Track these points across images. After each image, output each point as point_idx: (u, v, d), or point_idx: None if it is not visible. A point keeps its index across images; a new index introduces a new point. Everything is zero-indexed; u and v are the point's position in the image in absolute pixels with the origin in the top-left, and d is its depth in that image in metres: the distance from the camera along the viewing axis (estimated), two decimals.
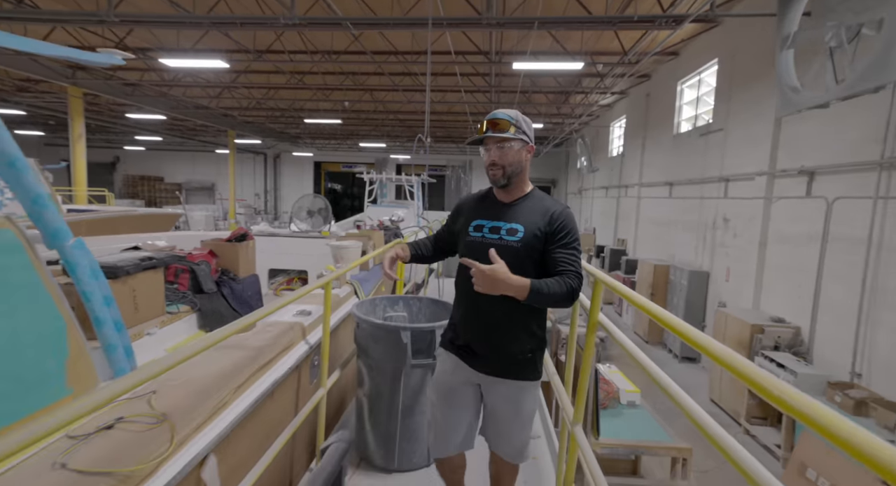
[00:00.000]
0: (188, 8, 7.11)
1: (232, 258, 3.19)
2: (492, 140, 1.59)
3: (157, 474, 1.05)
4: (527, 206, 1.64)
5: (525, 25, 6.40)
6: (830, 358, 5.19)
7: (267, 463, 1.43)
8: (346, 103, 13.32)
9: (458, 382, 1.68)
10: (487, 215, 1.66)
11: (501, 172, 1.60)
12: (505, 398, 1.64)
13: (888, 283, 4.52)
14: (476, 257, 1.55)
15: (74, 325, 1.80)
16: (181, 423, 1.17)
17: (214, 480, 1.21)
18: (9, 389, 1.57)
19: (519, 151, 1.61)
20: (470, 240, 1.65)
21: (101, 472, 0.93)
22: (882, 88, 3.45)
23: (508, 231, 1.60)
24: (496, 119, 1.59)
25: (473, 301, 1.61)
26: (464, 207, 1.77)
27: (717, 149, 7.93)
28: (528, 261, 1.58)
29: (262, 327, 1.91)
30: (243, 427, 1.43)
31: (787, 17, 4.26)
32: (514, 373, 1.61)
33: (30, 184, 1.57)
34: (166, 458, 1.07)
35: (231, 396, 1.42)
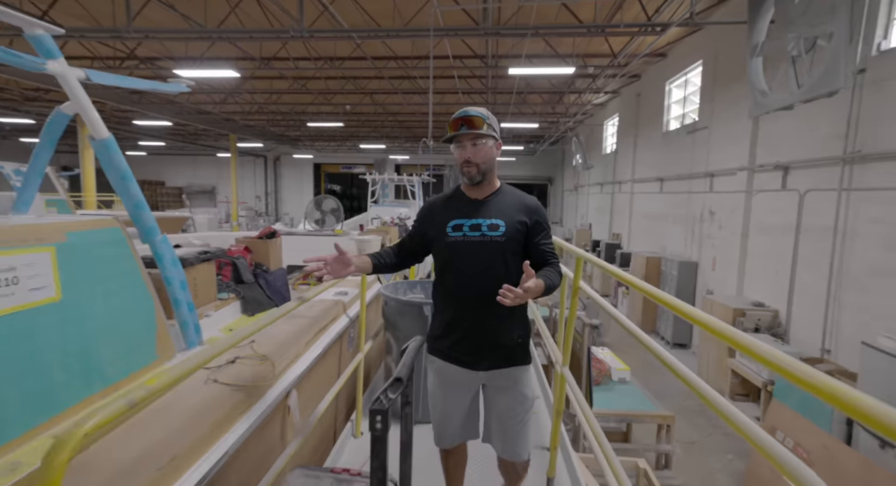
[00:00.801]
0: (199, 20, 7.51)
1: (263, 253, 3.62)
2: (466, 137, 1.60)
3: (269, 391, 1.49)
4: (501, 201, 1.68)
5: (519, 34, 6.82)
6: (804, 337, 5.65)
7: (325, 406, 1.86)
8: (347, 107, 13.71)
9: (457, 385, 1.70)
10: (463, 214, 1.66)
11: (476, 170, 1.61)
12: (505, 387, 1.67)
13: (851, 267, 4.97)
14: (460, 256, 1.62)
15: (159, 305, 2.23)
16: (277, 361, 1.61)
17: (295, 407, 1.64)
18: (118, 352, 2.00)
19: (491, 148, 1.64)
20: (451, 241, 1.64)
21: (238, 385, 1.36)
22: (835, 93, 3.89)
23: (490, 227, 1.62)
24: (469, 117, 1.59)
25: (461, 304, 1.63)
26: (434, 210, 1.74)
27: (702, 146, 8.38)
28: (510, 253, 1.62)
29: (312, 304, 2.34)
30: (309, 375, 1.87)
31: (756, 27, 4.70)
32: (511, 360, 1.66)
33: (134, 192, 2.00)
34: (273, 381, 1.50)
35: (303, 349, 1.85)
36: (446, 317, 1.68)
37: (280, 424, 1.71)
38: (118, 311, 1.98)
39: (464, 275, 1.63)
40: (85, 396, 1.77)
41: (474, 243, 1.61)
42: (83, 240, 1.80)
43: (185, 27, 7.19)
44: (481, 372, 1.65)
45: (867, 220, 4.81)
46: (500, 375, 1.66)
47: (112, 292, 1.96)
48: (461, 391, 1.69)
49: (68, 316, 1.71)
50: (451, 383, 1.68)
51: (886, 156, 4.54)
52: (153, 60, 9.94)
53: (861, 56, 4.76)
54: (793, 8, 4.18)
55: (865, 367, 4.25)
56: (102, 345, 1.88)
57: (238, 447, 1.39)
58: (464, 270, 1.63)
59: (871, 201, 4.77)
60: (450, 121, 1.64)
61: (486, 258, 1.60)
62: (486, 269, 1.60)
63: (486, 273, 1.60)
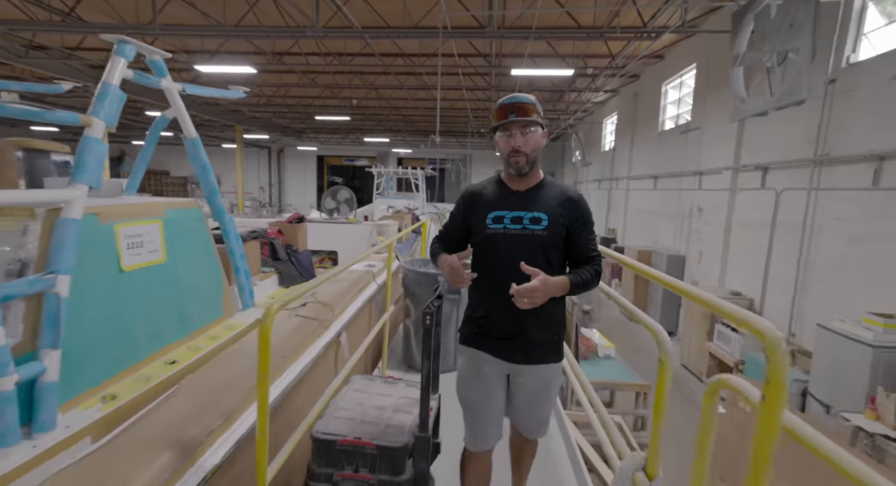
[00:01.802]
0: (218, 18, 7.94)
1: (293, 236, 4.12)
2: (516, 125, 1.52)
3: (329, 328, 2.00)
4: (544, 193, 1.61)
5: (522, 37, 7.27)
6: (775, 322, 6.09)
7: (363, 350, 2.38)
8: (353, 101, 14.13)
9: (487, 375, 1.66)
10: (505, 205, 1.60)
11: (525, 159, 1.55)
12: (536, 382, 1.65)
13: (817, 259, 5.50)
14: (499, 249, 1.58)
15: (223, 271, 2.74)
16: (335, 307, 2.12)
17: (345, 344, 2.15)
18: (198, 307, 2.50)
19: (540, 137, 1.57)
20: (491, 233, 1.59)
21: (311, 318, 1.86)
22: (802, 102, 4.39)
23: (532, 220, 1.56)
24: (520, 103, 1.52)
25: (502, 295, 1.54)
26: (475, 199, 1.68)
27: (694, 145, 8.87)
28: (552, 248, 1.57)
29: (350, 271, 2.85)
30: (351, 324, 2.38)
31: (738, 39, 5.17)
32: (544, 357, 1.63)
33: (211, 180, 2.50)
34: (332, 321, 2.01)
35: (349, 301, 2.36)
36: (482, 309, 1.64)
37: (334, 355, 2.24)
38: (198, 274, 2.48)
39: (503, 269, 1.55)
40: (179, 337, 2.28)
41: (515, 236, 1.56)
42: (176, 216, 2.30)
43: (205, 24, 7.61)
44: (513, 364, 1.63)
45: (832, 217, 5.33)
46: (532, 370, 1.63)
47: (194, 259, 2.46)
48: (492, 380, 1.66)
49: (169, 275, 2.22)
50: (483, 372, 1.66)
51: (850, 159, 5.05)
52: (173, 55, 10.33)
53: (833, 68, 5.26)
54: (769, 24, 4.65)
55: (819, 346, 4.79)
56: (190, 300, 2.38)
57: (312, 364, 1.92)
58: (503, 263, 1.56)
59: (836, 200, 5.29)
60: (496, 108, 1.58)
61: (527, 252, 1.54)
62: (528, 263, 1.51)
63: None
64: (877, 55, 4.80)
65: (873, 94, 4.79)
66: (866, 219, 4.85)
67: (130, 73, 1.90)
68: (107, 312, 1.83)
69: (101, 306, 1.80)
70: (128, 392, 1.84)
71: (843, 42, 5.18)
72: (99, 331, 1.78)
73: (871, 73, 4.83)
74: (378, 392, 1.82)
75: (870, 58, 4.90)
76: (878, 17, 5.00)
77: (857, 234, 4.97)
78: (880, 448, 3.57)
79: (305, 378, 1.89)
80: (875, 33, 4.99)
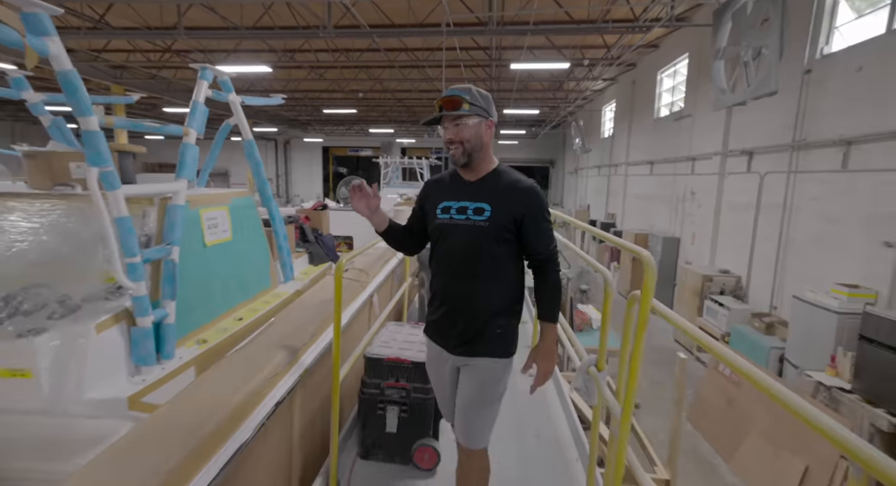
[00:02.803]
0: (235, 20, 8.40)
1: (317, 221, 4.68)
2: (447, 118, 1.54)
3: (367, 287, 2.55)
4: (493, 183, 1.59)
5: (521, 32, 7.69)
6: (759, 298, 6.70)
7: (388, 311, 2.92)
8: (360, 94, 14.55)
9: (441, 363, 1.69)
10: (453, 196, 1.60)
11: (461, 150, 1.55)
12: (470, 378, 1.61)
13: (795, 237, 5.98)
14: (445, 239, 1.58)
15: (269, 249, 3.29)
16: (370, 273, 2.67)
17: (377, 305, 2.68)
18: (253, 278, 3.06)
19: (477, 126, 1.55)
20: (439, 223, 1.60)
21: (353, 279, 2.40)
22: (774, 93, 4.83)
23: (475, 210, 1.55)
24: (449, 97, 1.54)
25: (443, 286, 1.62)
26: (431, 189, 1.70)
27: (686, 132, 9.28)
28: (495, 241, 1.54)
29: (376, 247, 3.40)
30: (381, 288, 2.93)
31: (719, 34, 5.59)
32: (484, 350, 1.58)
33: (263, 173, 3.04)
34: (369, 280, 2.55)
35: (378, 270, 2.90)
36: (433, 297, 1.68)
37: (368, 310, 2.79)
38: (253, 251, 3.03)
39: (447, 258, 1.60)
40: (240, 301, 2.84)
41: (458, 227, 1.56)
42: (238, 203, 2.84)
43: (223, 26, 8.08)
44: (455, 356, 1.62)
45: (807, 197, 5.79)
46: (472, 362, 1.60)
47: (250, 238, 3.01)
48: (440, 369, 1.69)
49: (234, 251, 2.77)
50: (432, 358, 1.72)
51: (824, 143, 5.49)
52: (186, 53, 10.82)
53: (808, 59, 5.67)
54: (745, 21, 5.07)
55: (794, 315, 5.30)
56: (247, 272, 2.94)
57: (356, 312, 2.48)
58: (447, 253, 1.59)
59: (811, 182, 5.74)
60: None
61: (469, 244, 1.54)
62: (469, 255, 1.55)
63: (468, 259, 1.56)
64: (846, 47, 5.22)
65: (842, 83, 5.21)
66: (836, 198, 5.31)
67: (210, 93, 2.42)
68: (197, 277, 2.39)
69: (194, 272, 2.35)
70: (214, 338, 2.40)
71: (818, 35, 5.58)
72: (193, 291, 2.34)
73: (841, 63, 5.25)
74: (408, 332, 2.37)
75: (840, 50, 5.32)
76: (848, 12, 5.40)
77: (828, 213, 5.43)
78: (836, 399, 4.10)
79: (352, 321, 2.45)
80: (846, 27, 5.39)
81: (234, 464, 1.36)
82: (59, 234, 1.91)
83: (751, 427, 4.53)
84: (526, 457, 2.32)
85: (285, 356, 1.85)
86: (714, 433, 4.94)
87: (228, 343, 2.40)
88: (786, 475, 3.77)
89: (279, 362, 1.81)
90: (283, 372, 1.80)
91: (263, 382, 1.66)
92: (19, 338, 1.67)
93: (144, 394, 1.88)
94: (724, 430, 4.77)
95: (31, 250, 1.86)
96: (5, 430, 1.59)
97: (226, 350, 2.33)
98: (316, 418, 2.19)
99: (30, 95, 2.54)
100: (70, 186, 2.24)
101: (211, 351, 2.30)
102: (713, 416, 5.10)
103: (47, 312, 1.74)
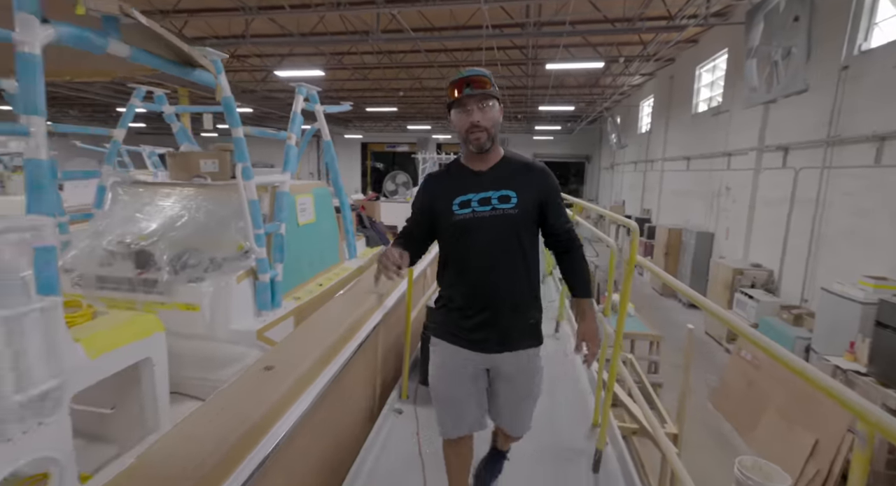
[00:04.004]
0: (292, 28, 9.20)
1: (371, 210, 5.34)
2: (472, 99, 1.42)
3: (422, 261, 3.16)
4: (508, 169, 1.52)
5: (556, 33, 8.05)
6: (791, 291, 6.83)
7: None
8: (400, 93, 15.23)
9: (462, 368, 1.59)
10: (469, 188, 1.50)
11: (486, 135, 1.46)
12: (515, 369, 1.58)
13: (826, 231, 6.10)
14: (470, 235, 1.48)
15: (338, 231, 3.93)
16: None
17: (429, 275, 3.26)
18: (328, 254, 3.70)
19: (498, 111, 1.48)
20: (459, 219, 1.49)
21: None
22: (803, 91, 5.03)
23: (500, 199, 1.47)
24: (474, 76, 1.43)
25: (473, 286, 1.52)
26: (434, 188, 1.58)
27: (724, 127, 9.34)
28: (523, 228, 1.49)
29: None
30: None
31: (752, 34, 5.79)
32: (521, 343, 1.57)
33: (336, 168, 3.68)
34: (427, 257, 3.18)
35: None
36: (456, 300, 1.55)
37: (423, 279, 3.40)
38: (328, 232, 3.67)
39: (475, 255, 1.49)
40: (318, 271, 3.48)
41: (484, 219, 1.47)
42: (319, 192, 3.48)
43: (282, 33, 8.89)
44: (493, 355, 1.55)
45: (840, 193, 5.91)
46: (512, 357, 1.56)
47: (326, 222, 3.65)
48: (468, 375, 1.59)
49: (316, 230, 3.40)
50: (459, 366, 1.58)
51: (858, 139, 5.60)
52: (245, 58, 11.81)
53: (846, 55, 5.78)
54: (776, 21, 5.27)
55: (822, 307, 5.49)
56: (324, 248, 3.58)
57: (417, 278, 3.07)
58: (475, 249, 1.49)
59: (844, 177, 5.86)
60: (448, 84, 1.48)
61: (500, 235, 1.48)
62: (500, 246, 1.48)
63: (499, 251, 1.49)
64: (883, 44, 5.31)
65: (878, 79, 5.32)
66: (869, 193, 5.44)
67: (303, 104, 3.05)
68: (293, 249, 3.04)
69: (291, 245, 3.00)
70: (304, 297, 3.05)
71: (857, 31, 5.68)
72: (291, 260, 2.98)
73: (878, 60, 5.35)
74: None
75: (878, 46, 5.41)
76: (889, 8, 5.47)
77: (860, 207, 5.56)
78: (852, 382, 4.34)
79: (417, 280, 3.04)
80: (885, 23, 5.47)
81: (342, 372, 1.96)
82: (205, 213, 2.59)
83: (768, 406, 4.82)
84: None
85: (374, 300, 2.46)
86: (734, 413, 5.25)
87: (314, 301, 3.03)
88: (797, 448, 4.08)
89: (371, 304, 2.43)
90: (373, 309, 2.41)
91: (360, 315, 2.26)
92: (190, 283, 2.34)
93: (265, 330, 2.53)
94: (744, 409, 5.06)
95: (189, 225, 2.54)
96: (181, 348, 2.26)
97: (313, 307, 2.96)
98: (391, 350, 2.80)
99: (166, 107, 3.27)
100: (202, 177, 2.93)
101: (303, 305, 2.94)
102: (734, 398, 5.40)
103: (203, 267, 2.41)
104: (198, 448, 1.23)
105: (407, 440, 2.28)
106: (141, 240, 2.61)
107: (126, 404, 2.07)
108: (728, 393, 5.52)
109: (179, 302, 2.35)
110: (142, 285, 2.49)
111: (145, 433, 2.07)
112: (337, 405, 2.01)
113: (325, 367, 1.89)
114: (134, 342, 1.89)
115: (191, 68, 2.08)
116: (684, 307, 9.86)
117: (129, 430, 2.07)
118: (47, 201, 1.48)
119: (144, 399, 2.05)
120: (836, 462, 3.76)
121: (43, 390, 1.38)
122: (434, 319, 1.68)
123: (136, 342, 1.90)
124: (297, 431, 1.53)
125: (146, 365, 2.00)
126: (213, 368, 2.36)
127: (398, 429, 2.37)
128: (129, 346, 1.87)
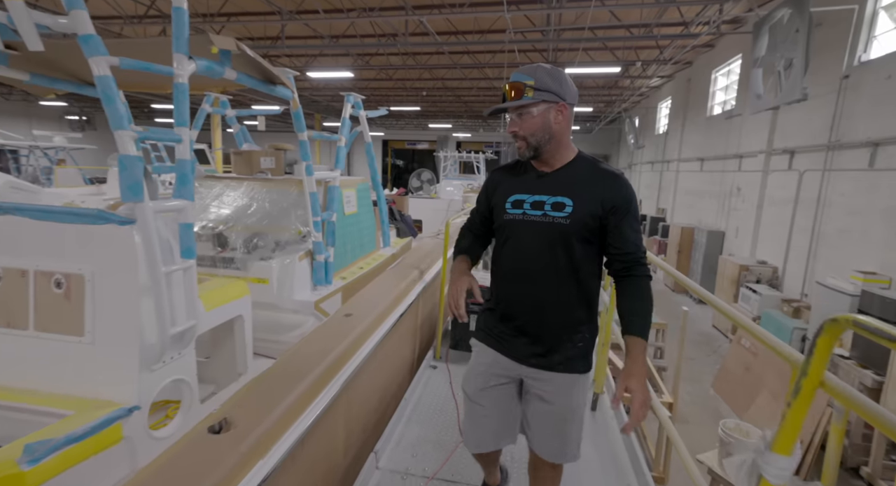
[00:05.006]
0: (324, 31, 9.83)
1: (401, 205, 5.93)
2: (511, 109, 1.36)
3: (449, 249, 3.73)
4: (573, 174, 1.39)
5: (576, 40, 8.49)
6: (793, 286, 7.18)
7: None
8: (423, 92, 15.79)
9: (497, 375, 1.51)
10: (527, 188, 1.42)
11: (525, 144, 1.37)
12: (555, 394, 1.44)
13: (825, 229, 6.44)
14: (516, 237, 1.41)
15: (375, 221, 4.51)
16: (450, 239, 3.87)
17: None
18: (367, 241, 4.28)
19: (543, 115, 1.35)
20: (509, 219, 1.42)
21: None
22: (802, 100, 5.40)
23: (554, 206, 1.36)
24: (512, 83, 1.35)
25: (513, 292, 1.44)
26: (497, 182, 1.52)
27: (736, 130, 9.63)
28: (576, 240, 1.35)
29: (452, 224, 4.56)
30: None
31: (757, 45, 6.15)
32: (566, 365, 1.42)
33: (375, 166, 4.27)
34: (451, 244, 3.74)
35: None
36: (498, 304, 1.49)
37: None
38: (367, 222, 4.26)
39: (519, 260, 1.43)
40: (359, 256, 4.07)
41: (532, 224, 1.39)
42: (360, 187, 4.06)
43: (313, 36, 9.53)
44: (530, 368, 1.46)
45: (838, 193, 6.24)
46: (551, 379, 1.44)
47: (365, 213, 4.23)
48: (499, 383, 1.51)
49: (357, 220, 3.99)
50: (490, 372, 1.51)
51: (855, 144, 5.93)
52: (276, 58, 12.52)
53: (847, 65, 6.10)
54: (780, 33, 5.64)
55: (816, 299, 5.86)
56: (364, 236, 4.17)
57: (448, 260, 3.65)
58: (517, 254, 1.43)
59: (842, 179, 6.19)
60: None
61: (543, 244, 1.38)
62: (546, 256, 1.38)
63: (544, 261, 1.38)
64: (880, 56, 5.63)
65: (874, 89, 5.65)
66: (862, 194, 5.78)
67: (350, 110, 3.63)
68: (340, 236, 3.62)
69: (339, 232, 3.59)
70: (350, 277, 3.64)
71: (857, 42, 5.99)
72: (338, 245, 3.57)
73: (875, 71, 5.67)
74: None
75: (876, 58, 5.73)
76: (888, 22, 5.78)
77: (855, 207, 5.90)
78: (836, 364, 4.74)
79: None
80: (884, 36, 5.78)
81: (397, 323, 2.53)
82: (269, 203, 3.19)
83: (762, 388, 5.25)
84: None
85: (416, 274, 3.04)
86: (732, 394, 5.69)
87: (357, 281, 3.62)
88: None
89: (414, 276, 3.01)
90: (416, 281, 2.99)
91: (406, 285, 2.84)
92: (262, 260, 2.95)
93: (321, 302, 3.12)
94: (741, 392, 5.50)
95: (256, 213, 3.15)
96: (256, 316, 2.87)
97: (357, 286, 3.55)
98: (427, 319, 3.37)
99: (228, 111, 3.90)
100: (264, 173, 3.54)
101: (349, 284, 3.53)
102: (732, 381, 5.83)
103: (270, 248, 3.01)
104: (307, 363, 1.83)
105: (441, 386, 2.85)
106: (220, 225, 3.24)
107: (221, 353, 2.68)
108: (727, 378, 5.95)
109: (252, 276, 2.94)
110: (221, 262, 3.11)
111: (235, 376, 2.69)
112: (394, 350, 2.60)
113: (386, 317, 2.47)
114: (234, 301, 2.49)
115: (273, 85, 2.66)
116: (694, 303, 10.20)
117: (224, 373, 2.68)
118: (189, 190, 2.07)
119: (236, 348, 2.65)
120: (816, 434, 4.20)
121: (185, 327, 1.98)
122: (478, 324, 1.61)
123: (235, 301, 2.51)
124: (367, 363, 2.11)
125: (238, 321, 2.61)
126: (279, 331, 2.96)
127: (435, 379, 2.95)
128: (230, 304, 2.47)
